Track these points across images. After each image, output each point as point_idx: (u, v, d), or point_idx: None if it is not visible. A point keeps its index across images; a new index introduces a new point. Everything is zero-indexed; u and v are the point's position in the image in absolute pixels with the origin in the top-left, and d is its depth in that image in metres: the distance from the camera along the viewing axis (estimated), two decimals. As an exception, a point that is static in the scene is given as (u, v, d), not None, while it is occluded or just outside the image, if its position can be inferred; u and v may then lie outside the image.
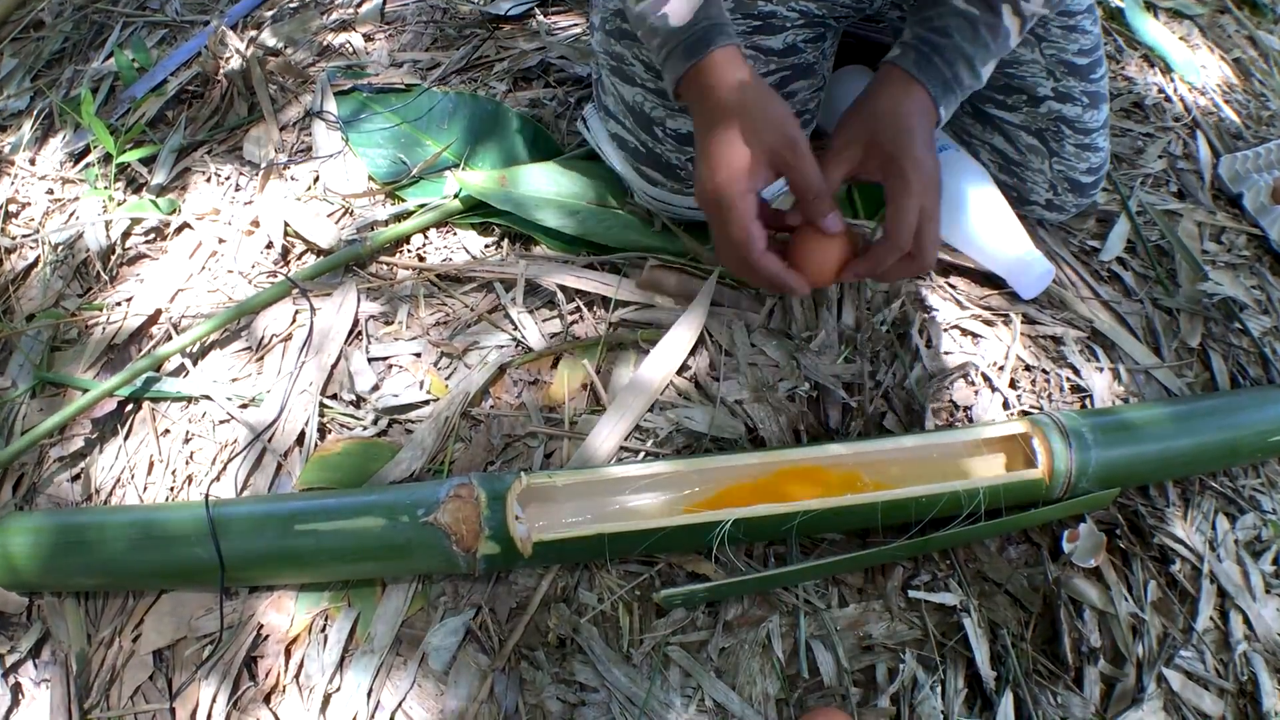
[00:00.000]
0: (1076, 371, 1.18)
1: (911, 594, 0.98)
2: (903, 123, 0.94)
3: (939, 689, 0.93)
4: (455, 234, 1.29)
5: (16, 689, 0.99)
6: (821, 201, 0.92)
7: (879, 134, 0.94)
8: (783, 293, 0.98)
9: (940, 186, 0.94)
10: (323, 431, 1.11)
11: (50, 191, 1.43)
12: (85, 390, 1.14)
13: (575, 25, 1.60)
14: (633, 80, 1.12)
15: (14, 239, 1.37)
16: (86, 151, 1.47)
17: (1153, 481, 1.10)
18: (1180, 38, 1.78)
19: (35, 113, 1.56)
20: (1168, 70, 1.69)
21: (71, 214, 1.39)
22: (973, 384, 1.15)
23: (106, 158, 1.41)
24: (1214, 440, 1.06)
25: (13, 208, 1.42)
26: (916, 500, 0.95)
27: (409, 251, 1.28)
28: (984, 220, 1.21)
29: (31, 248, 1.35)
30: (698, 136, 0.94)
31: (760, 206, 0.94)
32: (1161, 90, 1.64)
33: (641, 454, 1.06)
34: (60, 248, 1.34)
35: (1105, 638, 0.99)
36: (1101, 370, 1.18)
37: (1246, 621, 1.03)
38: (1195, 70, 1.69)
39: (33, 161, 1.49)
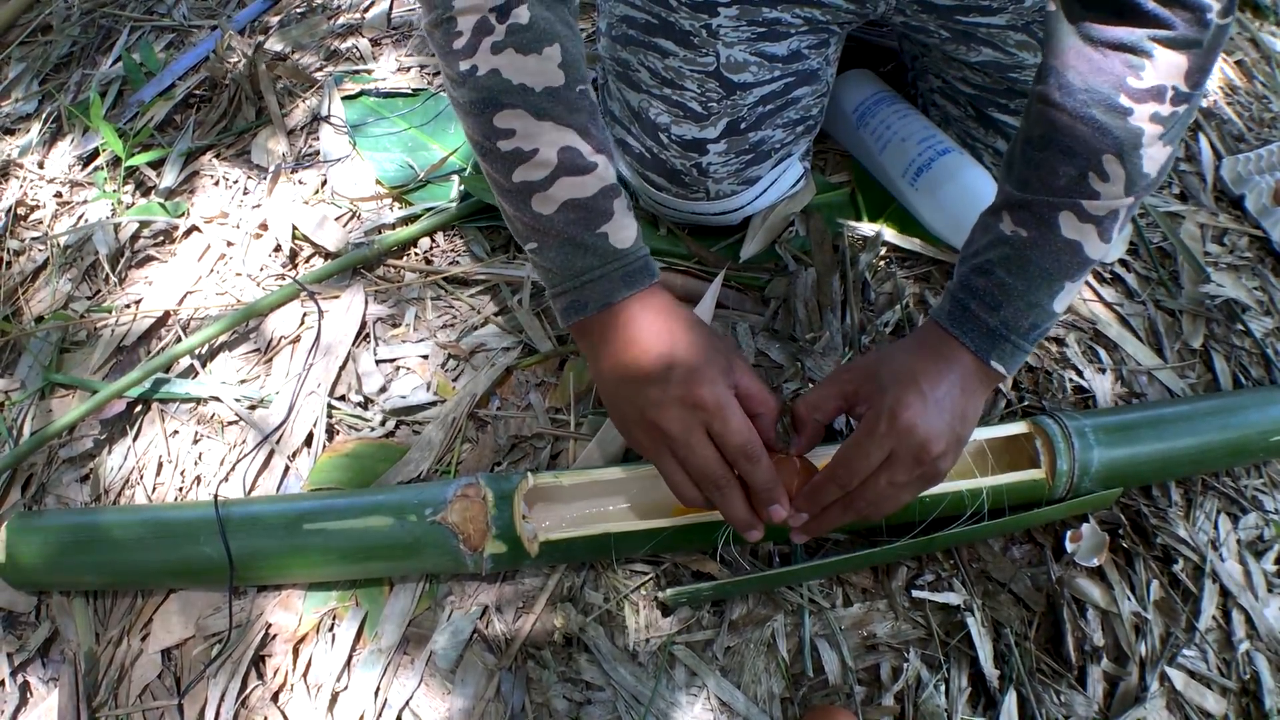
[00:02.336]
0: (1079, 373, 1.18)
1: (915, 594, 0.99)
2: (909, 372, 0.82)
3: (943, 688, 0.93)
4: (462, 237, 1.30)
5: (25, 687, 1.00)
6: (771, 417, 0.85)
7: (879, 370, 0.84)
8: (756, 522, 0.84)
9: (940, 479, 0.84)
10: (331, 432, 1.11)
11: (59, 194, 1.44)
12: (94, 391, 1.15)
13: (583, 29, 1.60)
14: (639, 86, 1.13)
15: (23, 241, 1.38)
16: (95, 155, 1.48)
17: (1155, 481, 1.10)
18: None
19: (44, 116, 1.57)
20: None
21: (80, 217, 1.40)
22: (976, 386, 1.15)
23: (115, 161, 1.42)
24: (1216, 440, 1.06)
25: (21, 210, 1.43)
26: (920, 500, 0.95)
27: (416, 255, 1.28)
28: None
29: (40, 250, 1.36)
30: (634, 360, 0.81)
31: None
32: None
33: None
34: (69, 250, 1.35)
35: (1108, 637, 0.99)
36: (1104, 371, 1.19)
37: (1249, 621, 1.03)
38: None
39: (41, 164, 1.49)
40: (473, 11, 0.79)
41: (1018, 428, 1.02)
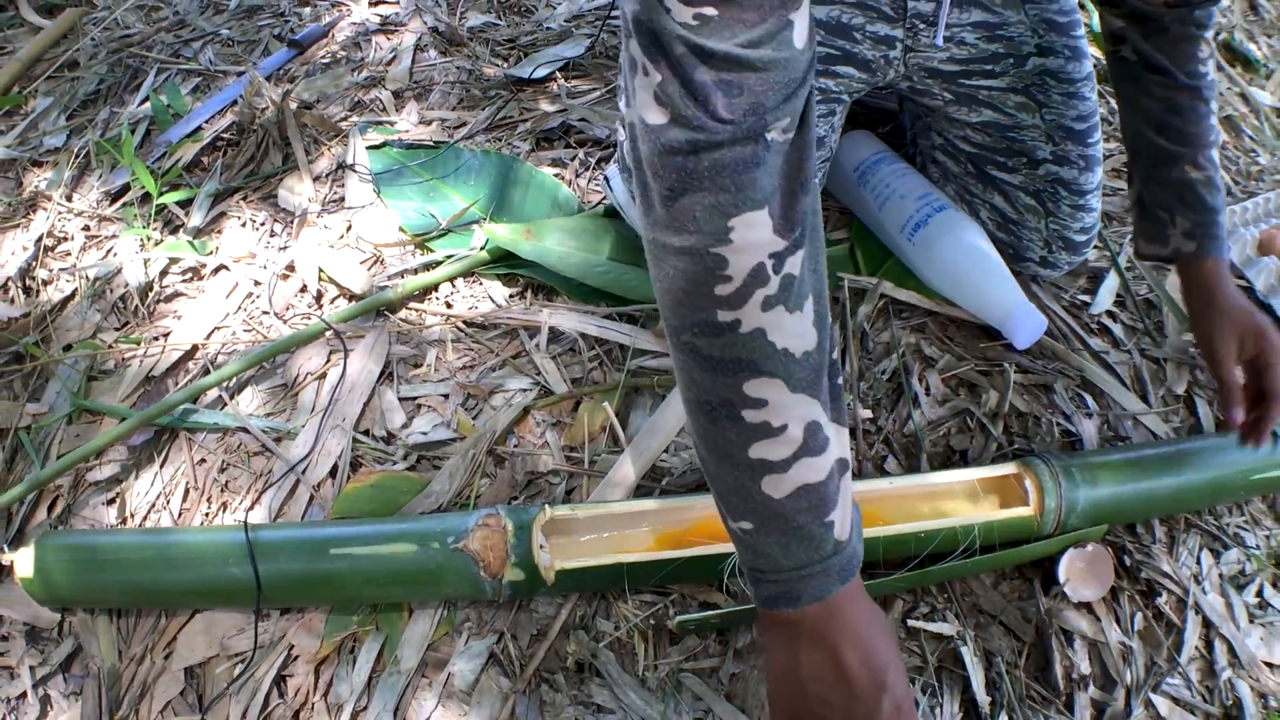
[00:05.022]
0: (1067, 418, 1.24)
1: (911, 624, 1.03)
2: (1240, 302, 1.09)
3: (938, 712, 0.98)
4: (481, 284, 1.35)
5: (45, 700, 1.03)
6: None
7: (1238, 322, 1.08)
8: None
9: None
10: (355, 465, 1.16)
11: (87, 228, 1.49)
12: (122, 418, 1.19)
13: (594, 89, 1.68)
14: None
15: (51, 271, 1.43)
16: (124, 191, 1.53)
17: (1139, 519, 1.15)
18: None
19: (73, 151, 1.63)
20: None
21: (109, 250, 1.45)
22: (969, 429, 1.21)
23: (144, 198, 1.48)
24: (1198, 480, 1.12)
25: (49, 242, 1.48)
26: (915, 536, 1.00)
27: (437, 299, 1.34)
28: (980, 275, 1.28)
29: (69, 280, 1.41)
30: (842, 659, 0.71)
31: None
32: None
33: (657, 491, 1.11)
34: (98, 282, 1.39)
35: (1095, 665, 1.04)
36: (1090, 416, 1.25)
37: (1230, 649, 1.08)
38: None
39: (69, 198, 1.55)
40: (750, 253, 0.65)
41: (1008, 468, 1.08)
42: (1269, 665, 1.09)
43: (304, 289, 1.36)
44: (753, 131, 0.63)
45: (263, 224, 1.46)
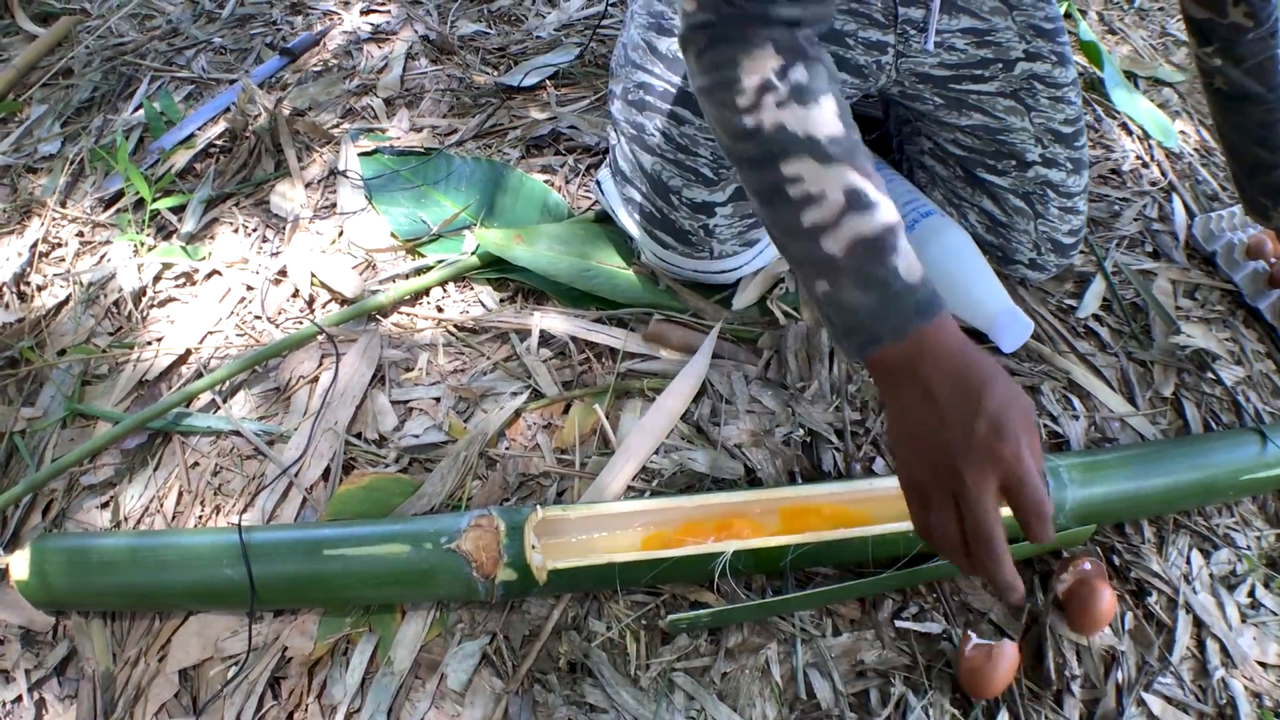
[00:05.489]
0: (1054, 419, 1.25)
1: (900, 624, 1.04)
2: None
3: (930, 712, 0.99)
4: (472, 288, 1.36)
5: (40, 704, 1.03)
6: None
7: None
8: (1018, 585, 0.77)
9: None
10: (347, 467, 1.16)
11: (81, 234, 1.50)
12: (115, 422, 1.20)
13: (583, 97, 1.69)
14: (652, 150, 1.21)
15: (45, 276, 1.44)
16: (117, 197, 1.54)
17: (1128, 519, 1.16)
18: (1159, 105, 1.88)
19: (67, 158, 1.63)
20: (1145, 137, 1.78)
21: (103, 256, 1.45)
22: (956, 433, 1.22)
23: (138, 204, 1.49)
24: (1187, 480, 1.12)
25: (44, 247, 1.48)
26: (904, 535, 1.01)
27: (428, 303, 1.35)
28: (966, 279, 1.29)
29: (63, 286, 1.42)
30: (939, 393, 0.77)
31: None
32: (1139, 156, 1.73)
33: (647, 492, 1.12)
34: (92, 287, 1.40)
35: (1086, 664, 1.05)
36: (1078, 418, 1.26)
37: (1223, 649, 1.09)
38: (1173, 136, 1.78)
39: (63, 204, 1.55)
40: (755, 73, 0.82)
41: (996, 470, 1.09)
42: (1263, 665, 1.10)
43: (296, 294, 1.37)
44: (756, 11, 0.83)
45: (255, 230, 1.47)
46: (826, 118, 0.82)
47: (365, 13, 1.93)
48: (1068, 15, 2.01)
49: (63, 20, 2.00)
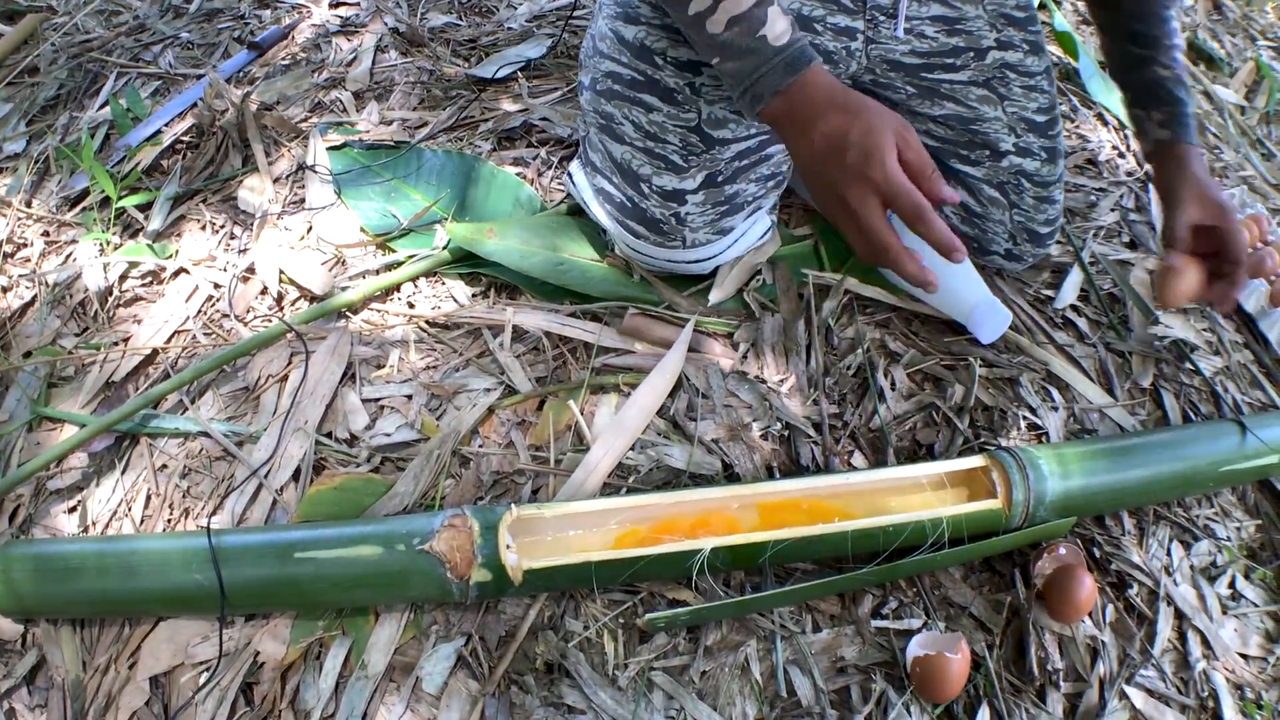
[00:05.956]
0: (1033, 411, 1.24)
1: (880, 624, 1.03)
2: (1207, 179, 1.18)
3: (911, 708, 0.98)
4: (444, 283, 1.34)
5: (11, 714, 1.01)
6: (932, 179, 0.95)
7: (1207, 194, 1.16)
8: (929, 273, 0.96)
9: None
10: (318, 468, 1.15)
11: (46, 233, 1.48)
12: (82, 425, 1.18)
13: (555, 89, 1.67)
14: (622, 139, 1.20)
15: (10, 278, 1.41)
16: (83, 196, 1.52)
17: (1108, 511, 1.16)
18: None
19: (32, 156, 1.61)
20: (1122, 127, 1.78)
21: (68, 256, 1.43)
22: (935, 424, 1.22)
23: (104, 202, 1.46)
24: (1167, 471, 1.12)
25: (9, 248, 1.46)
26: (884, 530, 1.00)
27: (399, 299, 1.33)
28: (944, 271, 1.27)
29: (28, 287, 1.39)
30: (815, 132, 0.95)
31: None
32: (1115, 147, 1.73)
33: (624, 489, 1.11)
34: (57, 287, 1.38)
35: (1067, 657, 1.05)
36: (1056, 410, 1.25)
37: (1205, 641, 1.09)
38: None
39: (28, 203, 1.53)
40: None
41: (974, 461, 1.08)
42: (1244, 656, 1.10)
43: (264, 291, 1.35)
44: None
45: (222, 226, 1.44)
46: None
47: (334, 5, 1.91)
48: (1043, 6, 2.01)
49: (28, 18, 1.96)
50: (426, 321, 1.28)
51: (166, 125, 1.62)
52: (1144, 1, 1.21)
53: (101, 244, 1.41)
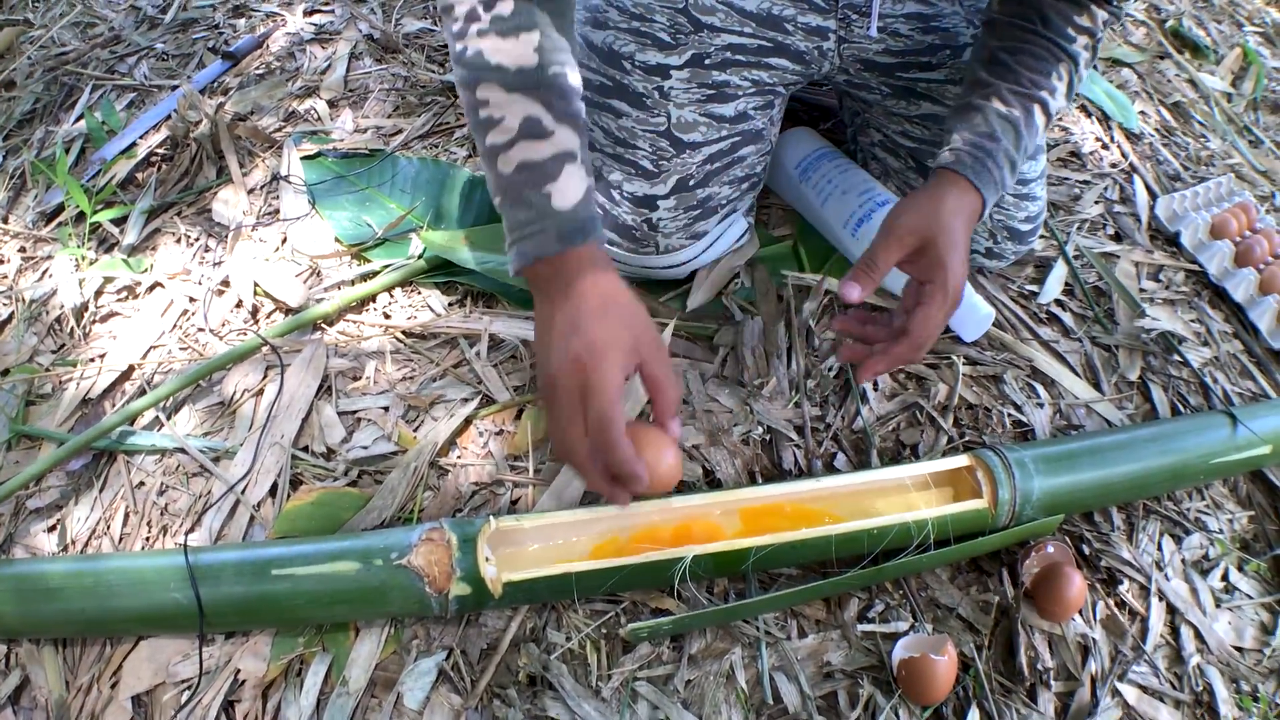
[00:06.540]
0: (1018, 408, 1.23)
1: (866, 627, 1.03)
2: (958, 235, 0.99)
3: (899, 712, 0.97)
4: (420, 293, 1.33)
5: (-4, 736, 1.01)
6: (675, 403, 0.92)
7: (937, 238, 0.99)
8: (617, 489, 0.90)
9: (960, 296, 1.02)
10: (295, 482, 1.14)
11: (23, 249, 1.47)
12: (60, 443, 1.17)
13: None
14: (592, 145, 1.18)
15: (-13, 296, 1.40)
16: (59, 211, 1.51)
17: (1096, 507, 1.15)
18: (1118, 85, 1.87)
19: (8, 172, 1.60)
20: (1105, 119, 1.77)
21: (44, 272, 1.42)
22: (918, 424, 1.21)
23: (79, 217, 1.45)
24: (1156, 465, 1.11)
25: (-15, 266, 1.45)
26: (868, 533, 1.00)
27: (375, 309, 1.32)
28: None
29: (5, 304, 1.38)
30: (555, 314, 0.89)
31: None
32: (1099, 138, 1.72)
33: (604, 498, 1.10)
34: (34, 304, 1.37)
35: (1058, 655, 1.04)
36: (1042, 406, 1.24)
37: (1198, 635, 1.08)
38: (1133, 117, 1.77)
39: (4, 219, 1.52)
40: (464, 2, 0.89)
41: (960, 461, 1.07)
42: (1239, 649, 1.09)
43: (239, 304, 1.34)
44: None
45: (197, 239, 1.43)
46: (522, 51, 0.89)
47: (309, 13, 1.89)
48: None
49: (5, 32, 1.95)
50: (402, 332, 1.27)
51: (141, 138, 1.61)
52: (1036, 40, 1.07)
53: (77, 259, 1.40)
